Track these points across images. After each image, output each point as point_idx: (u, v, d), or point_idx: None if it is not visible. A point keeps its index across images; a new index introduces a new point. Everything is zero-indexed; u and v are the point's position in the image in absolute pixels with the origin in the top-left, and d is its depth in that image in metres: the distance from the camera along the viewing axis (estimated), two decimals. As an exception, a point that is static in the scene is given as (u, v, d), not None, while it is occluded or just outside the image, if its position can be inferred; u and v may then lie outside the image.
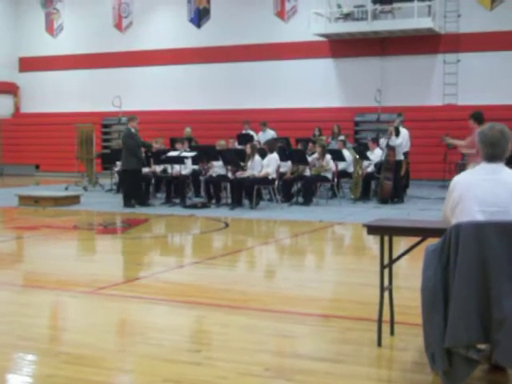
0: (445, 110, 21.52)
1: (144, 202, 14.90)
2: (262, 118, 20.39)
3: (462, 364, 3.99)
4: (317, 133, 18.43)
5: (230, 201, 15.10)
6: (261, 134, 19.09)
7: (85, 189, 19.01)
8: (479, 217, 4.04)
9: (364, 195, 15.98)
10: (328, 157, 15.41)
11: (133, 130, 14.91)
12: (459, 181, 4.26)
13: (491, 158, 4.22)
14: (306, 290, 7.00)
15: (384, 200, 15.23)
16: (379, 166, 15.60)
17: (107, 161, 19.85)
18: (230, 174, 15.20)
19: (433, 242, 4.44)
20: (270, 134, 18.91)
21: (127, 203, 14.73)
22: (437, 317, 4.03)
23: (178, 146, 16.37)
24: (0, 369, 4.50)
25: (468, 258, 3.94)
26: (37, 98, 28.18)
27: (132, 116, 15.31)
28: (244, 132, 18.86)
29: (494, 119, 5.19)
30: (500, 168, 4.20)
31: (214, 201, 15.35)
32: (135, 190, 14.93)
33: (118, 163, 18.47)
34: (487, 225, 3.96)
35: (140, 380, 4.30)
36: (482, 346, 4.09)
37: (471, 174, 4.28)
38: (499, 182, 4.12)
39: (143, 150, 15.59)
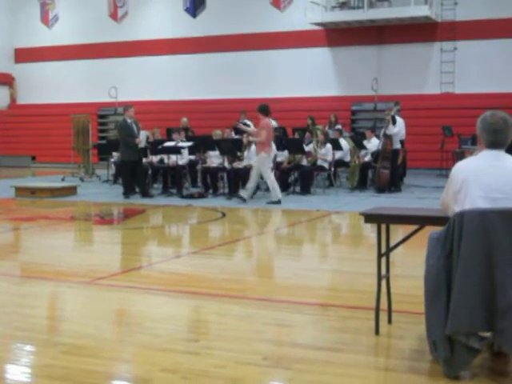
0: (442, 98, 21.52)
1: (145, 192, 14.80)
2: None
3: (463, 352, 4.00)
4: (309, 122, 18.36)
5: (226, 191, 15.10)
6: None
7: (81, 179, 18.99)
8: (482, 203, 4.03)
9: (361, 184, 15.99)
10: (328, 146, 15.40)
11: (128, 121, 14.70)
12: (462, 166, 4.24)
13: (493, 144, 4.21)
14: (304, 279, 7.01)
15: (381, 189, 15.23)
16: (376, 155, 15.60)
17: (104, 151, 19.82)
18: (226, 164, 15.18)
19: (430, 230, 4.44)
20: (272, 124, 18.89)
21: (125, 194, 14.71)
22: (439, 304, 4.03)
23: (174, 136, 16.33)
24: (-2, 359, 4.51)
25: (472, 245, 3.93)
26: (33, 89, 28.12)
27: (126, 106, 15.14)
28: (241, 121, 18.81)
29: (491, 107, 5.18)
30: (502, 155, 4.19)
31: (210, 191, 15.36)
32: (137, 182, 14.91)
33: (115, 154, 18.45)
34: (491, 212, 3.95)
35: (138, 369, 4.30)
36: (484, 334, 4.10)
37: (474, 160, 4.26)
38: (503, 169, 4.11)
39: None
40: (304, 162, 15.61)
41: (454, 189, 4.20)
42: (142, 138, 15.10)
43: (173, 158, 15.48)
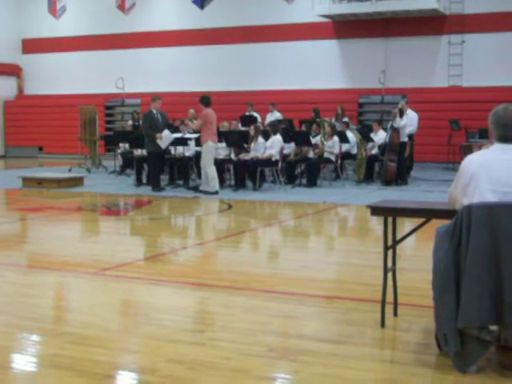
0: (449, 91, 21.43)
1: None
2: (266, 100, 20.35)
3: (475, 345, 4.00)
4: (313, 114, 18.33)
5: (233, 182, 15.10)
6: (269, 115, 19.10)
7: (88, 170, 19.01)
8: (491, 196, 4.01)
9: (368, 177, 15.94)
10: (335, 138, 15.36)
11: (154, 111, 14.39)
12: (472, 160, 4.21)
13: (504, 138, 4.18)
14: (310, 271, 7.01)
15: (388, 182, 15.20)
16: (383, 148, 15.57)
17: (110, 142, 19.83)
18: (233, 156, 15.18)
19: (437, 223, 4.43)
20: (276, 115, 18.92)
21: (153, 187, 14.46)
22: (449, 298, 4.02)
23: (181, 127, 16.32)
24: (5, 349, 4.53)
25: (480, 239, 3.93)
26: (40, 80, 28.12)
27: (154, 96, 14.75)
28: (247, 114, 18.83)
29: (499, 101, 5.16)
30: None
31: (217, 182, 15.34)
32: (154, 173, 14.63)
33: (122, 145, 18.48)
34: (499, 206, 3.94)
35: (144, 360, 4.31)
36: (492, 328, 4.09)
37: (485, 153, 4.24)
38: None
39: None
40: (311, 154, 15.59)
41: (463, 182, 4.18)
42: (166, 138, 14.45)
43: (179, 150, 15.49)
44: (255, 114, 18.76)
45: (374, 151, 16.07)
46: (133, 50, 26.17)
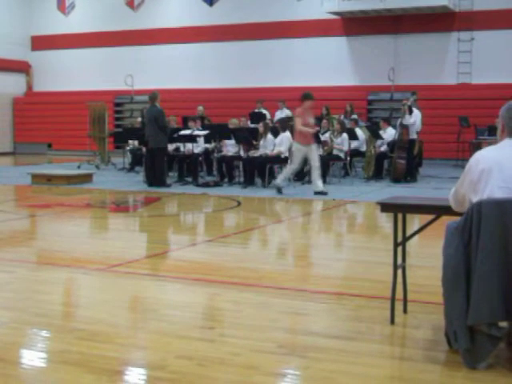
0: (459, 88, 21.37)
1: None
2: (275, 97, 20.33)
3: (485, 342, 3.98)
4: (324, 112, 18.31)
5: (242, 179, 15.09)
6: (278, 112, 19.09)
7: (97, 167, 19.05)
8: (501, 193, 3.98)
9: (377, 174, 15.91)
10: (344, 135, 15.33)
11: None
12: (483, 156, 4.16)
13: None
14: (319, 267, 7.01)
15: (397, 179, 15.18)
16: (392, 145, 15.53)
17: (120, 139, 19.87)
18: (242, 153, 15.18)
19: (447, 220, 4.42)
20: (286, 112, 18.91)
21: (160, 183, 14.46)
22: (459, 294, 4.01)
23: (190, 124, 16.33)
24: (15, 344, 4.54)
25: (490, 235, 3.91)
26: (49, 77, 28.20)
27: (155, 93, 14.80)
28: (257, 110, 18.82)
29: (508, 98, 5.13)
30: None
31: (226, 179, 15.35)
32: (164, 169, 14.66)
33: (131, 142, 18.51)
34: (510, 202, 3.92)
35: (153, 356, 4.31)
36: (501, 324, 4.08)
37: (495, 150, 4.20)
38: None
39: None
40: (320, 151, 15.56)
41: (471, 178, 4.13)
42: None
43: (189, 147, 15.50)
44: (264, 111, 18.75)
45: (383, 148, 16.04)
46: (141, 46, 26.22)
